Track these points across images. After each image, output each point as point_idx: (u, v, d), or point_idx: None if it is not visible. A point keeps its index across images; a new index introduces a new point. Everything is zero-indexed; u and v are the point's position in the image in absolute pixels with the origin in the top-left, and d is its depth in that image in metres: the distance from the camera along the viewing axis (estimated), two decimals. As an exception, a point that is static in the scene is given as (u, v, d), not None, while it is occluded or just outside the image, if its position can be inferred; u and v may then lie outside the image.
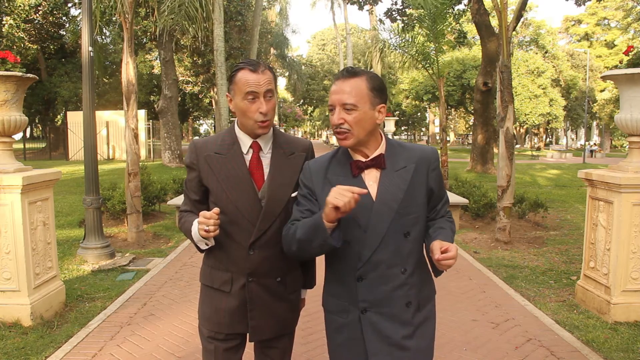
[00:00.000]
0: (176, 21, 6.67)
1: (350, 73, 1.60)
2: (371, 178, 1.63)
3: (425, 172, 1.65)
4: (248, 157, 1.81)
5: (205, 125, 53.67)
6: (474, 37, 30.53)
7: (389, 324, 1.60)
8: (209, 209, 1.81)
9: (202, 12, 6.81)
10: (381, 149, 1.65)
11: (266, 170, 1.82)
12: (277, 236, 1.78)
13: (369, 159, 1.63)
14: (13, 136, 3.99)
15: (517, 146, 43.57)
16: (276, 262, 1.82)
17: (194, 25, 6.86)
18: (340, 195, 1.42)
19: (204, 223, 1.64)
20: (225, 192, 1.78)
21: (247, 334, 1.89)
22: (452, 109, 39.21)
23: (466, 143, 57.63)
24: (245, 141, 1.82)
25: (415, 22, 13.04)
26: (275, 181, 1.80)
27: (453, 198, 7.92)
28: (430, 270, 1.70)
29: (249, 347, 2.00)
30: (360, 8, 19.02)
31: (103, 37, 25.19)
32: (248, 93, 1.71)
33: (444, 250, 1.51)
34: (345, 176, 1.64)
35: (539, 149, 42.30)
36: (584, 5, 16.61)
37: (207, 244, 1.78)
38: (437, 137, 50.97)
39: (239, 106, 1.75)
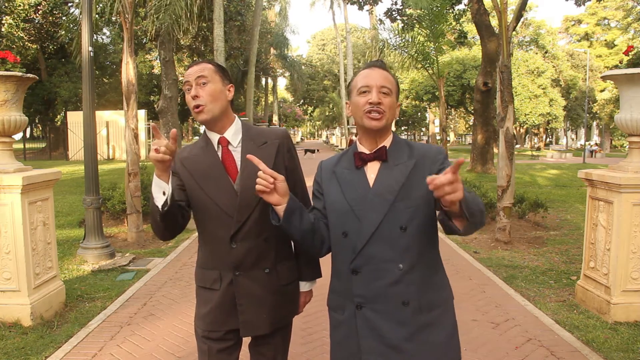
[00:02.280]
0: (163, 20, 6.64)
1: (383, 65, 1.69)
2: (373, 170, 1.66)
3: (428, 165, 1.63)
4: (220, 153, 1.85)
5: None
6: (474, 37, 30.54)
7: (385, 323, 1.57)
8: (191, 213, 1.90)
9: (187, 11, 6.79)
10: (387, 143, 1.68)
11: (239, 163, 1.84)
12: (258, 227, 1.79)
13: (372, 151, 1.66)
14: (13, 136, 3.99)
15: (517, 146, 43.56)
16: (261, 253, 1.82)
17: (179, 23, 6.82)
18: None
19: (155, 144, 1.60)
20: (202, 189, 1.81)
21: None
22: (452, 109, 39.21)
23: (467, 140, 57.57)
24: (214, 139, 1.86)
25: (415, 22, 13.03)
26: (248, 172, 1.81)
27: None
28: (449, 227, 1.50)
29: (245, 348, 2.00)
30: (360, 8, 19.02)
31: (103, 37, 25.24)
32: (184, 84, 1.80)
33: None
34: (349, 168, 1.69)
35: (539, 149, 42.30)
36: (584, 5, 16.61)
37: (164, 193, 1.66)
38: (437, 137, 50.96)
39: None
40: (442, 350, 1.60)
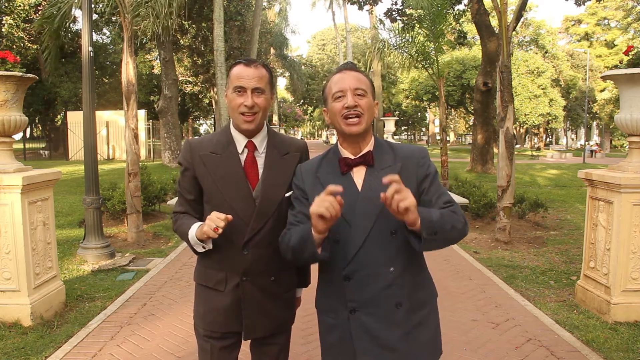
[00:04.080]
0: (143, 17, 6.50)
1: (354, 67, 1.68)
2: (360, 176, 1.64)
3: (414, 169, 1.64)
4: (243, 157, 1.83)
5: (205, 125, 53.65)
6: (474, 37, 30.54)
7: (379, 325, 1.59)
8: (204, 208, 1.86)
9: (168, 7, 6.69)
10: (370, 146, 1.67)
11: (261, 170, 1.83)
12: (271, 236, 1.79)
13: (357, 156, 1.64)
14: (13, 136, 3.99)
15: (517, 146, 43.55)
16: (270, 261, 1.82)
17: (161, 18, 6.67)
18: (321, 202, 1.42)
19: (215, 221, 1.63)
20: (220, 191, 1.79)
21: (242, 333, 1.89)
22: (452, 109, 39.23)
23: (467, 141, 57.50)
24: (240, 141, 1.83)
25: (415, 22, 13.03)
26: (268, 181, 1.81)
27: (453, 198, 7.92)
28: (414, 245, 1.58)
29: (245, 346, 2.00)
30: (360, 8, 18.99)
31: (103, 37, 25.22)
32: (237, 87, 1.76)
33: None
34: (334, 174, 1.65)
35: (539, 149, 42.28)
36: (584, 5, 16.60)
37: (204, 247, 1.78)
38: (437, 137, 50.94)
39: (229, 98, 1.79)
40: (432, 347, 1.68)
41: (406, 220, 1.43)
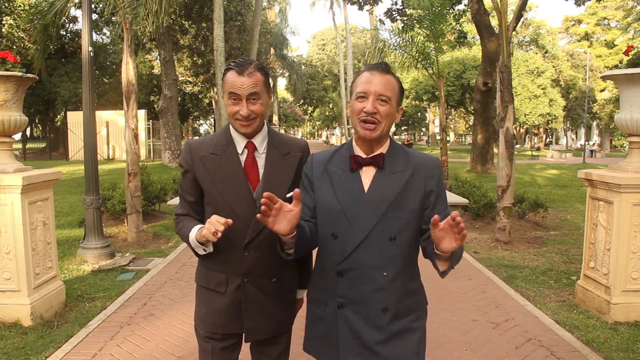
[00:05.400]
0: (136, 13, 6.47)
1: (386, 69, 1.62)
2: (368, 175, 1.63)
3: (423, 179, 1.63)
4: (243, 158, 1.81)
5: (205, 125, 53.65)
6: (474, 37, 30.54)
7: (363, 325, 1.60)
8: (204, 210, 1.86)
9: (160, 4, 6.64)
10: (384, 149, 1.66)
11: (261, 170, 1.81)
12: (272, 237, 1.76)
13: (369, 156, 1.64)
14: (12, 136, 3.99)
15: (517, 146, 43.53)
16: (271, 262, 1.81)
17: (149, 18, 6.62)
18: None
19: (215, 225, 1.61)
20: (220, 193, 1.78)
21: (243, 334, 1.89)
22: (452, 109, 39.23)
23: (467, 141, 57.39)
24: (240, 141, 1.82)
25: (415, 22, 13.03)
26: (269, 182, 1.79)
27: (453, 198, 7.92)
28: (437, 271, 1.60)
29: (245, 346, 2.00)
30: (360, 8, 19.02)
31: (103, 37, 25.22)
32: (230, 94, 1.73)
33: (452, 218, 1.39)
34: (343, 169, 1.65)
35: (538, 149, 42.25)
36: (584, 5, 16.60)
37: (204, 250, 1.77)
38: (437, 137, 50.93)
39: (225, 105, 1.78)
40: (414, 352, 1.65)
41: (446, 247, 1.46)
